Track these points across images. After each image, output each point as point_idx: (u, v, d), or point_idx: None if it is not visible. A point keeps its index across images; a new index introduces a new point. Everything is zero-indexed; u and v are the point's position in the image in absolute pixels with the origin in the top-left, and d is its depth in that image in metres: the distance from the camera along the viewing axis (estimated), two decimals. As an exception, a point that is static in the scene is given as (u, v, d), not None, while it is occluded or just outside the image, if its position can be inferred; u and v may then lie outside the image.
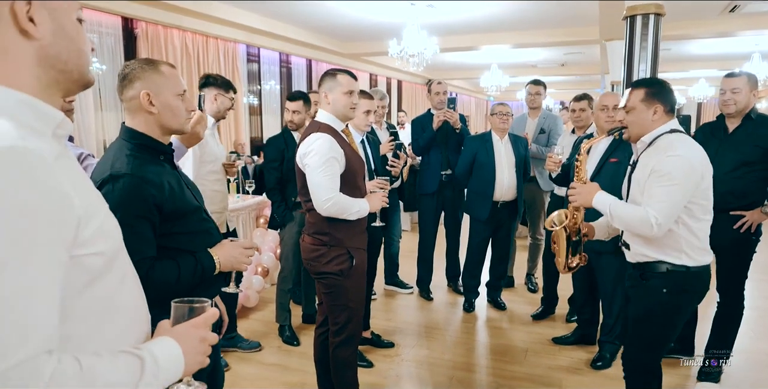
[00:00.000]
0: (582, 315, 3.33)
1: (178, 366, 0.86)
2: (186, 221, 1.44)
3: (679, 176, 1.85)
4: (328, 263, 2.27)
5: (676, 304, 1.99)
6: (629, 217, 1.94)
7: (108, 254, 0.83)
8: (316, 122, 2.30)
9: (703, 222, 1.95)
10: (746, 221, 2.67)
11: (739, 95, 2.66)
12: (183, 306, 0.97)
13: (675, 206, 1.86)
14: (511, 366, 3.06)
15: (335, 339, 2.36)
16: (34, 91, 0.79)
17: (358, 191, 2.32)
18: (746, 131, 2.68)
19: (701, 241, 1.95)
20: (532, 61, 12.18)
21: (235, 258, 1.51)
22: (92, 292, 0.82)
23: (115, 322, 0.87)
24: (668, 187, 1.85)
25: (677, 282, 1.95)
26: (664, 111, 1.98)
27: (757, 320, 3.73)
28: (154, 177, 1.36)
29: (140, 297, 0.98)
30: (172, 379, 0.85)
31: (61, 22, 0.82)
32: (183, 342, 0.89)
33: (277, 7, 6.81)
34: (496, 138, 3.77)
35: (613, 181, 2.85)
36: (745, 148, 2.64)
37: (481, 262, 3.99)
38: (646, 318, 2.04)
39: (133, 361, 0.79)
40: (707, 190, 1.93)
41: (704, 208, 1.94)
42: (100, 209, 0.84)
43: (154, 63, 1.46)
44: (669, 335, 2.05)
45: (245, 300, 3.74)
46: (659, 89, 2.00)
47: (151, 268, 1.33)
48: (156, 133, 1.45)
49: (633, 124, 2.03)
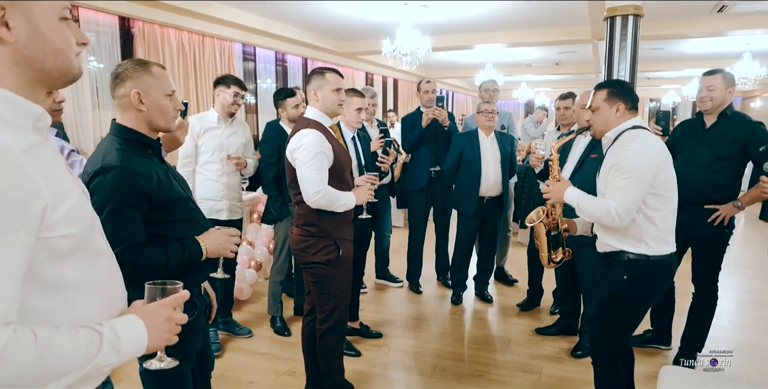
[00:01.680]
0: (564, 306, 3.44)
1: (140, 341, 0.94)
2: (174, 209, 1.55)
3: (634, 169, 1.98)
4: (315, 254, 2.37)
5: (636, 290, 2.09)
6: (594, 209, 2.07)
7: (78, 237, 0.89)
8: (305, 119, 2.41)
9: (663, 213, 2.04)
10: (720, 214, 2.77)
11: (715, 92, 2.76)
12: (155, 287, 1.06)
13: (634, 197, 1.98)
14: (494, 355, 3.17)
15: (322, 326, 2.47)
16: (13, 88, 0.85)
17: (345, 185, 2.43)
18: (722, 128, 2.78)
19: (661, 231, 2.05)
20: (527, 60, 12.27)
21: (221, 245, 1.61)
22: (61, 270, 0.88)
23: (87, 299, 0.93)
24: (625, 180, 1.99)
25: (637, 269, 2.07)
26: (626, 108, 2.12)
27: (734, 312, 3.84)
28: (142, 169, 1.47)
29: (115, 276, 1.04)
30: (135, 352, 0.93)
31: (37, 25, 0.85)
32: (148, 319, 0.96)
33: (274, 7, 6.90)
34: (482, 135, 3.87)
35: (594, 176, 2.96)
36: (721, 143, 2.75)
37: (468, 256, 4.09)
38: (608, 304, 2.17)
39: (92, 335, 0.86)
40: (667, 181, 2.03)
41: (664, 198, 2.04)
42: (71, 195, 0.89)
43: (146, 64, 1.57)
44: (630, 320, 2.16)
45: (238, 293, 3.85)
46: (620, 89, 2.15)
47: (141, 253, 1.43)
48: (144, 129, 1.55)
49: (597, 122, 2.19)
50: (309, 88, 2.39)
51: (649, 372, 2.92)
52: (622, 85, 2.18)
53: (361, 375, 2.90)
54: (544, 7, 7.03)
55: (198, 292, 1.67)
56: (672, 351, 3.15)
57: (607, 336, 2.20)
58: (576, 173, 3.23)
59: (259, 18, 7.41)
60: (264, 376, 2.90)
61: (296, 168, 2.32)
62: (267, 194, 3.42)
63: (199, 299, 1.66)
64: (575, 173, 3.23)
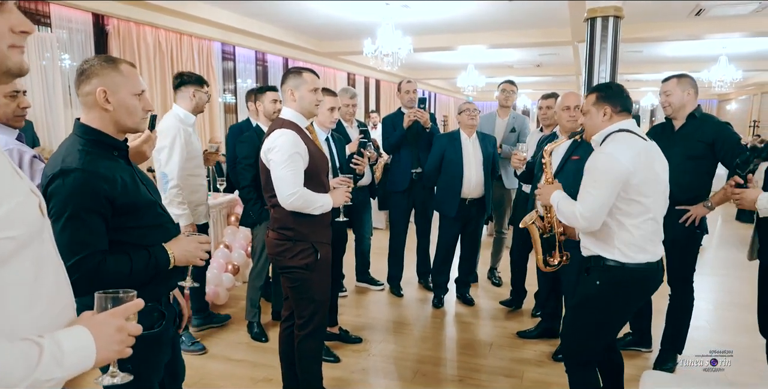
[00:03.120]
0: (546, 308, 3.42)
1: (87, 353, 0.87)
2: (140, 215, 1.47)
3: (603, 173, 1.96)
4: (293, 258, 2.31)
5: (607, 297, 2.05)
6: (565, 211, 2.07)
7: (20, 240, 0.84)
8: (280, 119, 2.34)
9: (638, 219, 1.99)
10: (690, 215, 2.79)
11: (672, 97, 2.83)
12: (105, 296, 0.99)
13: (600, 200, 1.95)
14: (475, 359, 3.14)
15: (300, 332, 2.40)
16: None
17: (321, 187, 2.37)
18: (690, 129, 2.83)
19: (636, 238, 1.99)
20: (509, 61, 12.32)
21: (190, 252, 1.54)
22: (0, 275, 0.82)
23: (29, 308, 0.87)
24: (593, 182, 1.98)
25: (611, 276, 2.03)
26: (614, 112, 2.10)
27: (711, 312, 3.87)
28: (106, 172, 1.38)
29: (62, 286, 0.98)
30: (81, 365, 0.86)
31: None
32: (97, 330, 0.90)
33: (253, 5, 6.80)
34: (464, 136, 3.84)
35: (576, 178, 2.93)
36: (689, 143, 2.78)
37: (449, 258, 4.06)
38: (579, 308, 2.15)
39: (31, 349, 0.80)
40: (643, 186, 1.96)
41: (639, 205, 1.98)
42: (15, 195, 0.85)
43: (114, 61, 1.48)
44: (602, 328, 2.12)
45: (215, 297, 3.76)
46: (608, 93, 2.13)
47: (102, 261, 1.35)
48: (110, 130, 1.47)
49: (587, 125, 2.19)
50: (285, 88, 2.33)
51: (630, 376, 2.88)
52: (611, 89, 2.16)
53: (339, 382, 2.84)
54: (526, 9, 7.04)
55: (166, 301, 1.60)
56: (653, 353, 3.15)
57: (576, 342, 2.17)
58: (557, 175, 3.21)
59: (238, 16, 7.29)
60: (240, 384, 2.82)
61: (270, 169, 2.26)
62: (245, 197, 3.33)
63: (167, 308, 1.59)
64: (556, 175, 3.21)
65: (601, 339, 2.15)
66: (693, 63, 11.63)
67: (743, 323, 3.70)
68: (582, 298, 2.13)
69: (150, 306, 1.51)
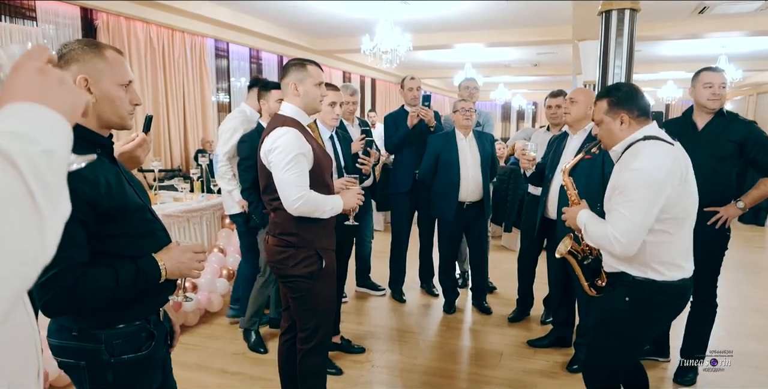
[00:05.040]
0: (558, 316, 3.26)
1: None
2: (126, 221, 1.28)
3: (635, 191, 1.72)
4: (295, 266, 2.13)
5: (637, 314, 1.86)
6: (597, 235, 1.84)
7: None
8: (280, 116, 2.16)
9: (674, 236, 1.80)
10: (721, 216, 2.64)
11: (724, 90, 2.64)
12: None
13: (637, 224, 1.72)
14: (485, 370, 2.97)
15: (304, 346, 2.22)
16: None
17: (326, 188, 2.20)
18: (717, 127, 2.65)
19: (672, 256, 1.81)
20: (506, 61, 12.20)
21: (184, 264, 1.35)
22: None
23: None
24: (626, 202, 1.74)
25: (642, 292, 1.84)
26: (632, 118, 1.86)
27: (730, 319, 3.72)
28: (87, 172, 1.19)
29: (22, 317, 0.82)
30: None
31: None
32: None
33: (247, 2, 6.62)
34: (460, 136, 3.65)
35: (588, 178, 2.79)
36: (719, 143, 2.62)
37: (453, 262, 3.89)
38: (605, 326, 1.96)
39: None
40: (677, 200, 1.76)
41: (676, 220, 1.78)
42: None
43: (97, 46, 1.30)
44: (629, 346, 1.94)
45: (208, 305, 3.57)
46: (621, 96, 1.87)
47: (82, 275, 1.17)
48: (92, 124, 1.28)
49: (603, 136, 1.95)
50: (287, 82, 2.13)
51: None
52: (623, 91, 1.89)
53: (343, 396, 2.67)
54: (526, 7, 6.91)
55: (156, 319, 1.41)
56: (671, 363, 3.00)
57: (602, 363, 1.98)
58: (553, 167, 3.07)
59: (232, 13, 7.10)
60: (236, 399, 2.65)
61: (272, 172, 2.08)
62: (246, 199, 3.14)
63: (156, 327, 1.40)
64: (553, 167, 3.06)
65: (630, 359, 1.98)
66: (691, 63, 11.56)
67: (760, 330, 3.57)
68: (608, 314, 1.94)
69: (137, 326, 1.34)
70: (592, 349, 2.06)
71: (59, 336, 1.29)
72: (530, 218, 3.44)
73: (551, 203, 3.05)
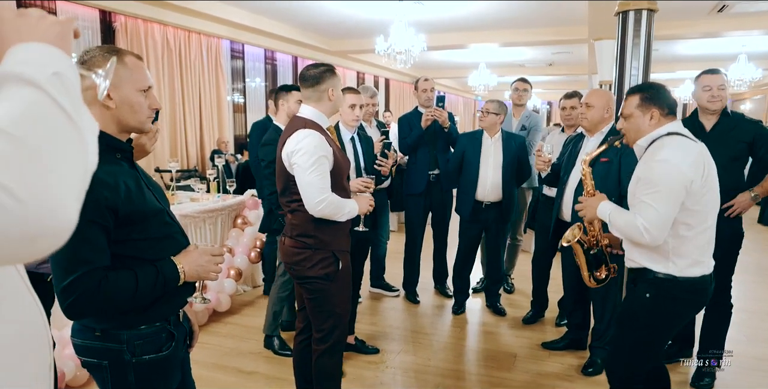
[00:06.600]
0: (573, 319, 3.24)
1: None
2: (146, 225, 1.31)
3: (662, 182, 1.78)
4: (312, 267, 2.15)
5: (659, 310, 1.89)
6: (623, 224, 1.88)
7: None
8: (301, 119, 2.18)
9: (696, 229, 1.84)
10: (735, 207, 2.63)
11: (724, 92, 2.66)
12: None
13: (664, 214, 1.78)
14: (500, 373, 2.96)
15: (319, 347, 2.24)
16: None
17: (343, 191, 2.21)
18: (725, 128, 2.66)
19: (693, 250, 1.85)
20: (520, 60, 12.13)
21: (203, 267, 1.38)
22: None
23: None
24: (653, 194, 1.79)
25: (663, 288, 1.87)
26: (661, 115, 1.93)
27: (748, 322, 3.67)
28: (107, 177, 1.22)
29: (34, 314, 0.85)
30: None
31: None
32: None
33: (262, 3, 6.66)
34: (485, 136, 3.66)
35: (605, 181, 2.78)
36: (731, 143, 2.63)
37: (469, 262, 3.88)
38: (628, 322, 1.98)
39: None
40: (701, 193, 1.81)
41: (698, 214, 1.82)
42: None
43: (118, 52, 1.33)
44: (651, 342, 1.96)
45: (217, 305, 3.59)
46: (654, 94, 1.95)
47: (104, 279, 1.19)
48: (112, 129, 1.31)
49: (630, 130, 2.00)
50: (325, 87, 2.14)
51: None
52: (656, 89, 1.98)
53: (357, 397, 2.68)
54: (540, 6, 6.87)
55: (175, 319, 1.44)
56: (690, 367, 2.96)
57: (625, 360, 1.99)
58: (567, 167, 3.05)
59: (247, 14, 7.16)
60: (252, 398, 2.67)
61: (295, 174, 2.09)
62: (273, 203, 3.13)
63: (176, 327, 1.43)
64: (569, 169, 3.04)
65: (652, 357, 1.98)
66: (710, 62, 11.38)
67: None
68: (630, 312, 1.97)
69: (158, 327, 1.36)
70: (616, 344, 2.07)
71: (82, 336, 1.32)
72: (544, 220, 3.43)
73: (566, 205, 3.03)
